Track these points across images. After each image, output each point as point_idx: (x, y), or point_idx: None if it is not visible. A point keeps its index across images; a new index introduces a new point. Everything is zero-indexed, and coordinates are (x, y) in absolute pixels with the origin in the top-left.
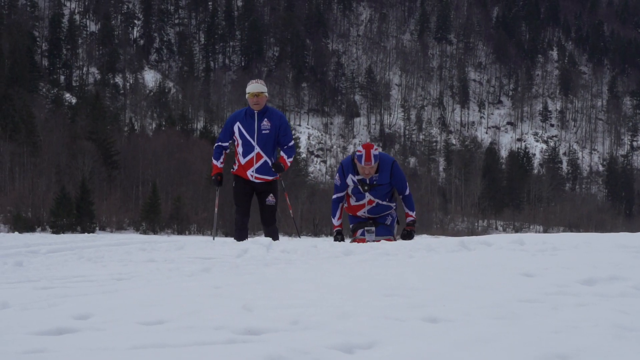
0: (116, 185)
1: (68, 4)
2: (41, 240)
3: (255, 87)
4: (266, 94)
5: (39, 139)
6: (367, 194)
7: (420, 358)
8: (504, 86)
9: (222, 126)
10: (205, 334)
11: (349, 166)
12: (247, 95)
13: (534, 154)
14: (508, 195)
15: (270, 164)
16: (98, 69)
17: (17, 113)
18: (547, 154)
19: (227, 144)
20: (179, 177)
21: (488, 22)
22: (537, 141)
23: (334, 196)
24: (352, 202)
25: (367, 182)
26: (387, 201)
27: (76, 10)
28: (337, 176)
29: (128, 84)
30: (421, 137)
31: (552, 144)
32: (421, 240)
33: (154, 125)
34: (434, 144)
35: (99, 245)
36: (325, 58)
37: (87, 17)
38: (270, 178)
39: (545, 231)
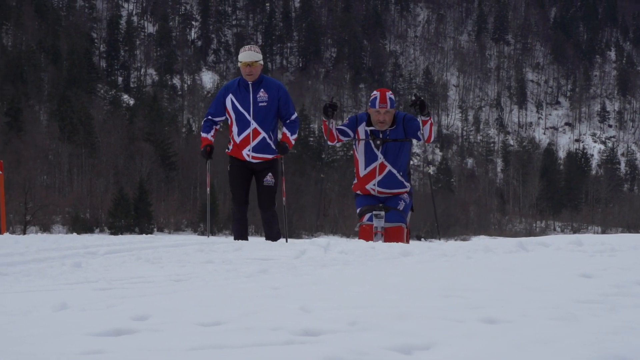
0: (174, 187)
1: (126, 5)
2: (99, 241)
3: (248, 55)
4: (261, 62)
5: (97, 140)
6: (379, 153)
7: (478, 359)
8: (562, 87)
9: None
10: (263, 335)
11: (362, 116)
12: (239, 64)
13: (592, 155)
14: (566, 196)
15: (269, 140)
16: (156, 70)
17: (75, 114)
18: (605, 154)
19: (218, 119)
20: None
21: (546, 23)
22: (595, 142)
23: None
24: (361, 169)
25: (381, 135)
26: (402, 175)
27: (134, 12)
28: (346, 120)
29: (186, 85)
30: (479, 138)
31: (610, 144)
32: (479, 241)
33: None
34: (492, 144)
35: (156, 247)
36: (382, 59)
37: (144, 18)
38: (269, 157)
39: (603, 232)
